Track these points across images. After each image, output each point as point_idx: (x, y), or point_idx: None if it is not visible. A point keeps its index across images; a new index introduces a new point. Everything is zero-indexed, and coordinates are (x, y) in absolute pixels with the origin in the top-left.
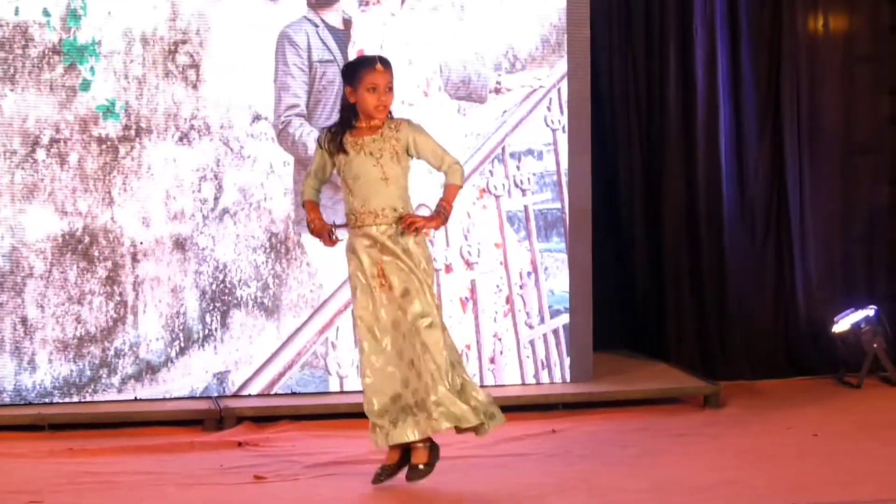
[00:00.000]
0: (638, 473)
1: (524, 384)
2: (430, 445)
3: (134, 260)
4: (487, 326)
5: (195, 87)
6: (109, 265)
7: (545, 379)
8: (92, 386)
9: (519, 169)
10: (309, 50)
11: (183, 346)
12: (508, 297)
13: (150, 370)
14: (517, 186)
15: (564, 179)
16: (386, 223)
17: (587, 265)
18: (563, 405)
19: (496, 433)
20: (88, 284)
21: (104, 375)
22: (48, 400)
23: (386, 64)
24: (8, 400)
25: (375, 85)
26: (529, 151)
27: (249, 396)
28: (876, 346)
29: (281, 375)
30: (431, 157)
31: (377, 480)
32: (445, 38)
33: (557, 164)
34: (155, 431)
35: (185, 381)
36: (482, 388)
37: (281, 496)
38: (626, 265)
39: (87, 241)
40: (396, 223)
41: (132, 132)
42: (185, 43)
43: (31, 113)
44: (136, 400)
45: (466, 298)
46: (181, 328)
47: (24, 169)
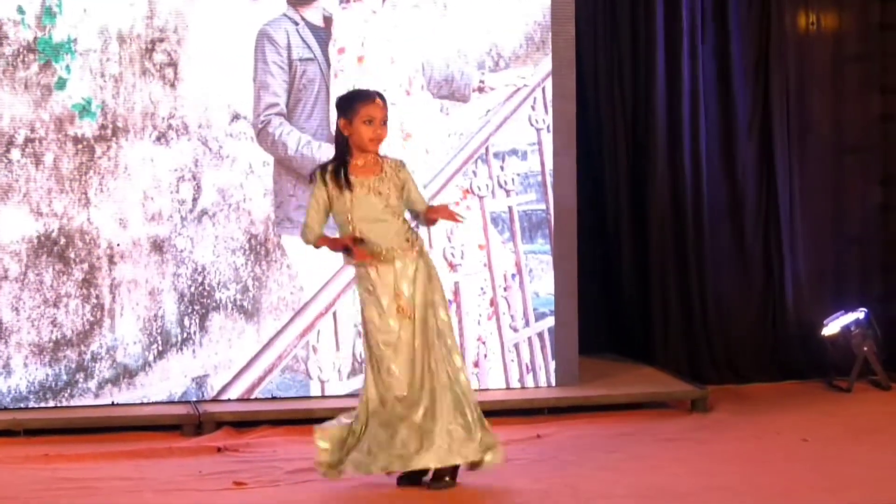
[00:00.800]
0: (624, 479)
1: (509, 388)
2: None
3: (111, 262)
4: (471, 329)
5: (173, 85)
6: (86, 267)
7: (530, 383)
8: (68, 390)
9: (503, 169)
10: (289, 48)
11: (161, 349)
12: (493, 299)
13: (127, 374)
14: (501, 187)
15: (549, 180)
16: (401, 254)
17: (573, 267)
18: (548, 410)
19: None
20: (64, 287)
21: (81, 380)
22: (24, 405)
23: (383, 99)
24: None
25: (372, 118)
26: (513, 151)
27: (229, 401)
28: (866, 349)
29: (261, 380)
30: (417, 203)
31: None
32: (428, 35)
33: (542, 164)
34: (133, 437)
35: (163, 385)
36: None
37: (261, 502)
38: (612, 267)
39: (62, 242)
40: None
41: (109, 132)
42: (162, 41)
43: (5, 112)
44: (113, 405)
45: (450, 301)
46: (159, 331)
47: None
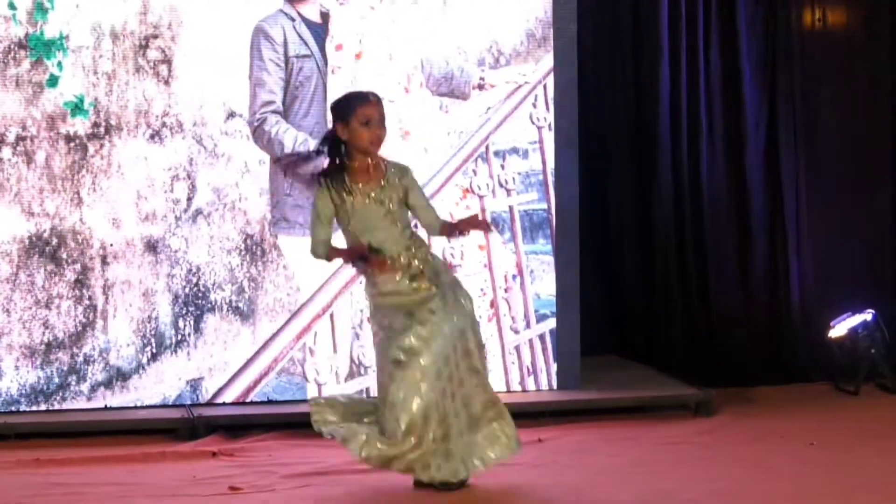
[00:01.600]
0: (627, 484)
1: (509, 391)
2: None
3: (104, 262)
4: None
5: (167, 83)
6: (78, 268)
7: (531, 386)
8: (60, 394)
9: (503, 168)
10: (285, 44)
11: (155, 352)
12: (493, 300)
13: (120, 377)
14: (502, 186)
15: (551, 179)
16: (406, 264)
17: (574, 268)
18: (549, 413)
19: None
20: (56, 288)
21: (73, 383)
22: (14, 408)
23: (378, 98)
24: None
25: (369, 118)
26: (514, 150)
27: (224, 404)
28: (874, 351)
29: (257, 383)
30: (422, 210)
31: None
32: (427, 32)
33: (543, 162)
34: (126, 441)
35: (156, 388)
36: None
37: None
38: (614, 268)
39: (54, 242)
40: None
41: (101, 130)
42: (156, 37)
43: None
44: (105, 408)
45: None
46: (153, 333)
47: None
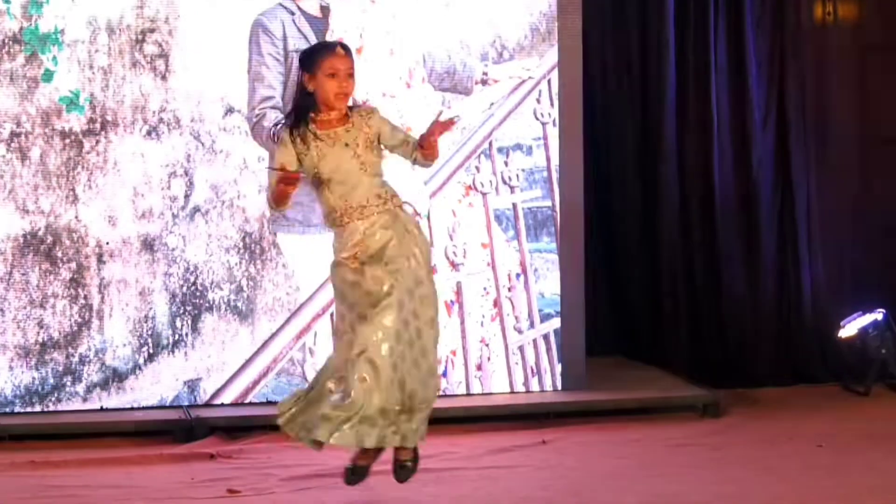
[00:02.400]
0: (632, 486)
1: (513, 392)
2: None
3: (99, 261)
4: (474, 331)
5: (164, 78)
6: (73, 266)
7: (535, 387)
8: (55, 395)
9: (507, 165)
10: (284, 39)
11: (152, 352)
12: (496, 300)
13: (116, 378)
14: (505, 183)
15: (555, 175)
16: (374, 213)
17: (579, 266)
18: (553, 414)
19: (484, 444)
20: (51, 287)
21: (68, 383)
22: (9, 409)
23: (346, 49)
24: None
25: (336, 70)
26: (518, 146)
27: (222, 406)
28: (884, 351)
29: (255, 383)
30: (399, 141)
31: (352, 481)
32: (429, 26)
33: (548, 159)
34: (122, 443)
35: (153, 389)
36: (469, 395)
37: None
38: (620, 266)
39: (49, 241)
40: (384, 209)
41: (97, 126)
42: (153, 31)
43: None
44: (101, 409)
45: (452, 301)
46: (150, 333)
47: None
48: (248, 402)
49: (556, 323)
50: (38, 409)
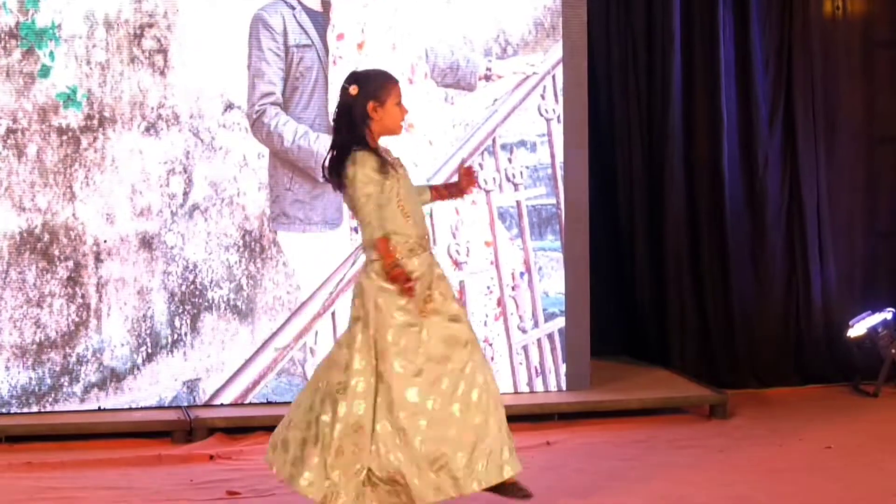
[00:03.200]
0: (638, 488)
1: (517, 392)
2: None
3: (97, 259)
4: (477, 331)
5: (163, 73)
6: (71, 265)
7: (539, 387)
8: (52, 395)
9: (511, 162)
10: (285, 34)
11: (150, 352)
12: (500, 299)
13: (114, 378)
14: (509, 180)
15: (560, 173)
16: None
17: (584, 265)
18: (558, 415)
19: None
20: (48, 286)
21: (65, 384)
22: (5, 410)
23: None
24: None
25: (401, 99)
26: (522, 143)
27: (221, 406)
28: (894, 351)
29: (255, 384)
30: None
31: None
32: (431, 20)
33: (552, 156)
34: (120, 444)
35: (152, 389)
36: None
37: None
38: (625, 265)
39: (46, 239)
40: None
41: (95, 122)
42: (152, 26)
43: None
44: (99, 410)
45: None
46: (148, 333)
47: None
48: (247, 402)
49: (560, 322)
50: (34, 409)
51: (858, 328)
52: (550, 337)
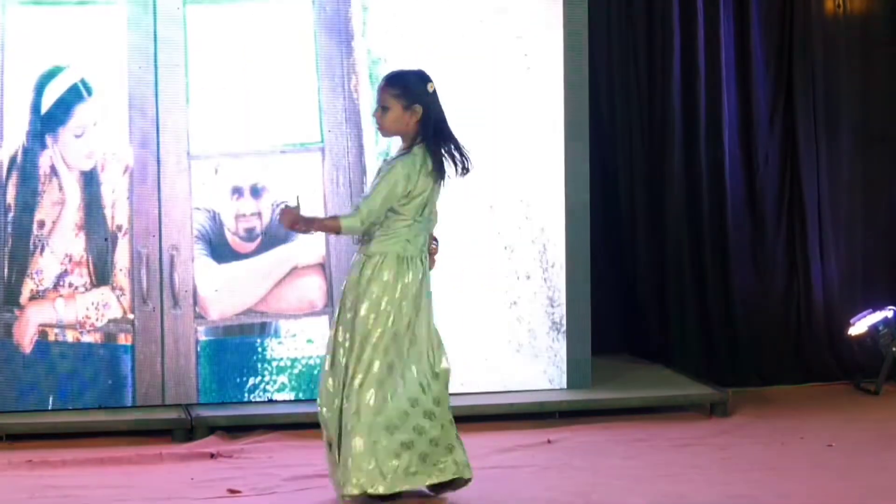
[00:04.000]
0: (639, 487)
1: (518, 391)
2: None
3: None
4: (477, 329)
5: None
6: None
7: (540, 385)
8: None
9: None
10: None
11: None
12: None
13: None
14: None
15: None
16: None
17: (585, 263)
18: (559, 413)
19: (489, 443)
20: None
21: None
22: (6, 409)
23: None
24: None
25: None
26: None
27: (223, 404)
28: (895, 349)
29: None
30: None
31: None
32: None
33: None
34: (121, 442)
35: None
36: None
37: None
38: (627, 264)
39: None
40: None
41: None
42: None
43: None
44: (100, 408)
45: None
46: None
47: None
48: (249, 400)
49: (561, 320)
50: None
51: (859, 326)
52: (551, 335)
